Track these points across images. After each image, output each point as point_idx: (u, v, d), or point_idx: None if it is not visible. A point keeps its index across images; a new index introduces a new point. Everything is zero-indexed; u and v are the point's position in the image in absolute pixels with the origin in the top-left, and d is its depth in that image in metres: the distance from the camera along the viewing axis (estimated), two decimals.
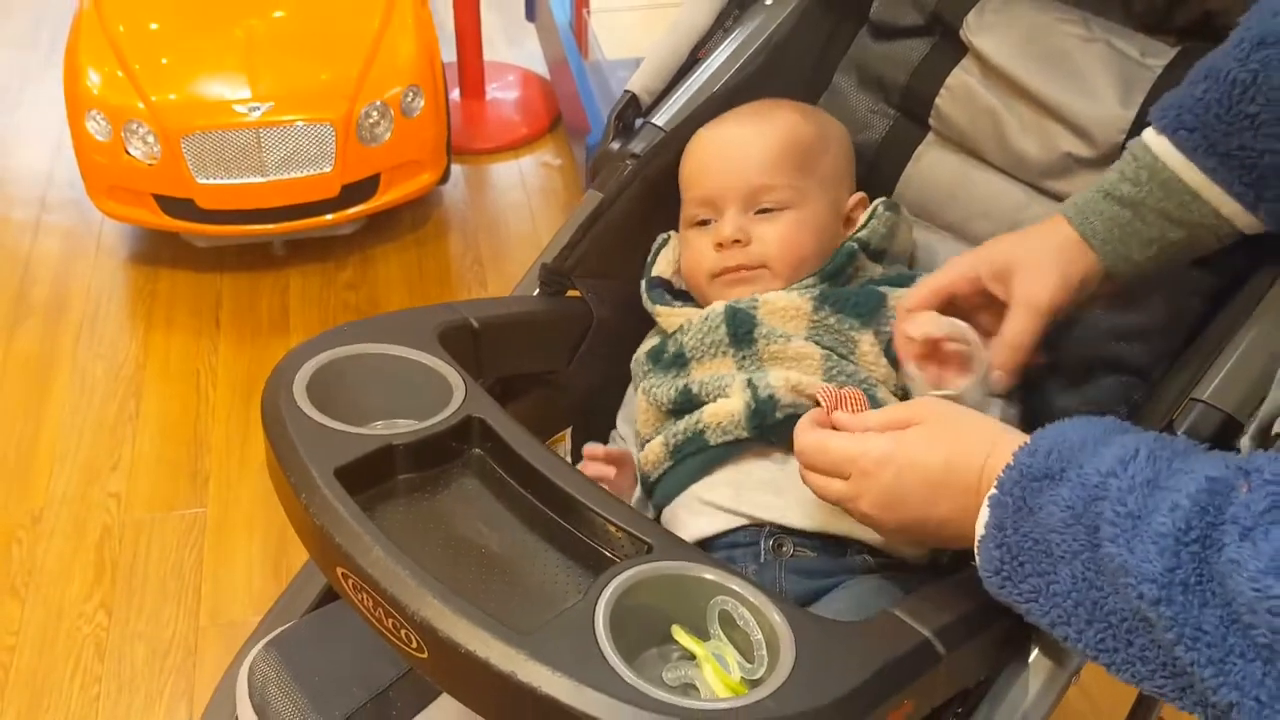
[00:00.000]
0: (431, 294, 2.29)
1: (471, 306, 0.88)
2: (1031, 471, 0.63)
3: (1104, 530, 0.58)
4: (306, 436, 0.70)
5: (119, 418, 2.00)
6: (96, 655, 1.63)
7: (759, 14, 1.03)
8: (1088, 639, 0.61)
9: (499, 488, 0.74)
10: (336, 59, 2.19)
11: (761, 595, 0.65)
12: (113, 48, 2.15)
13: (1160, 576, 0.55)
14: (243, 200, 2.14)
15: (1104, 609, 0.59)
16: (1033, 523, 0.62)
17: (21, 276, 2.31)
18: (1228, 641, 0.53)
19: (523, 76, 2.86)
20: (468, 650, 0.60)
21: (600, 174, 0.99)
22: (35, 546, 1.77)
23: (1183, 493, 0.56)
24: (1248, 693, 0.53)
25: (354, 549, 0.64)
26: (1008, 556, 0.64)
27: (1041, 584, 0.62)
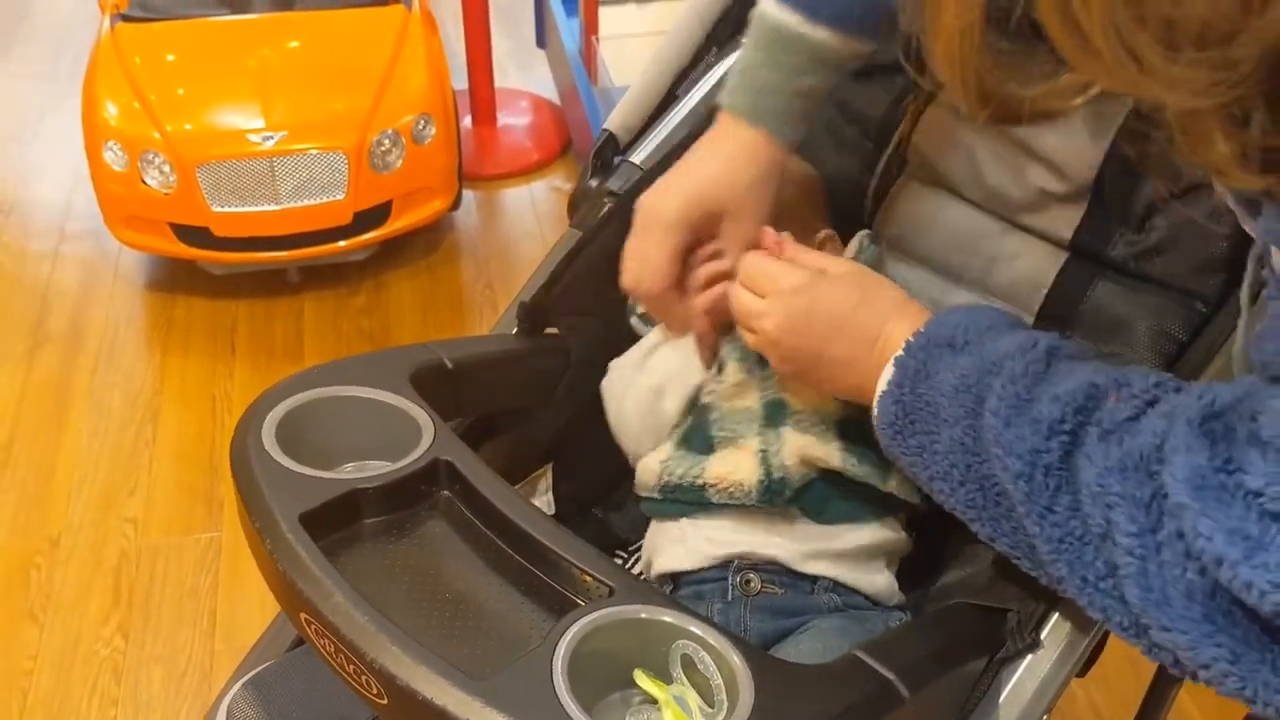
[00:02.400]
0: (444, 319, 2.31)
1: (446, 346, 0.88)
2: (938, 338, 0.68)
3: (989, 403, 0.63)
4: (272, 481, 0.72)
5: (136, 444, 2.04)
6: (113, 679, 1.65)
7: (737, 49, 1.03)
8: (959, 498, 0.66)
9: (466, 530, 0.75)
10: (349, 88, 2.23)
11: (722, 638, 0.66)
12: (129, 79, 2.20)
13: (1027, 455, 0.61)
14: (257, 228, 2.18)
15: (975, 473, 0.64)
16: (928, 385, 0.67)
17: (40, 305, 2.35)
18: (1069, 524, 0.59)
19: (534, 103, 2.89)
20: (425, 697, 0.60)
21: (579, 212, 1.00)
22: (53, 571, 1.81)
23: (1064, 388, 0.61)
24: (1076, 570, 0.60)
25: (315, 595, 0.65)
26: (901, 413, 0.68)
27: (926, 442, 0.67)
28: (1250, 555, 0.50)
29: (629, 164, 0.99)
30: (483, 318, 2.32)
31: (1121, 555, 0.56)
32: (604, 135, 1.01)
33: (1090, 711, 1.55)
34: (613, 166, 1.00)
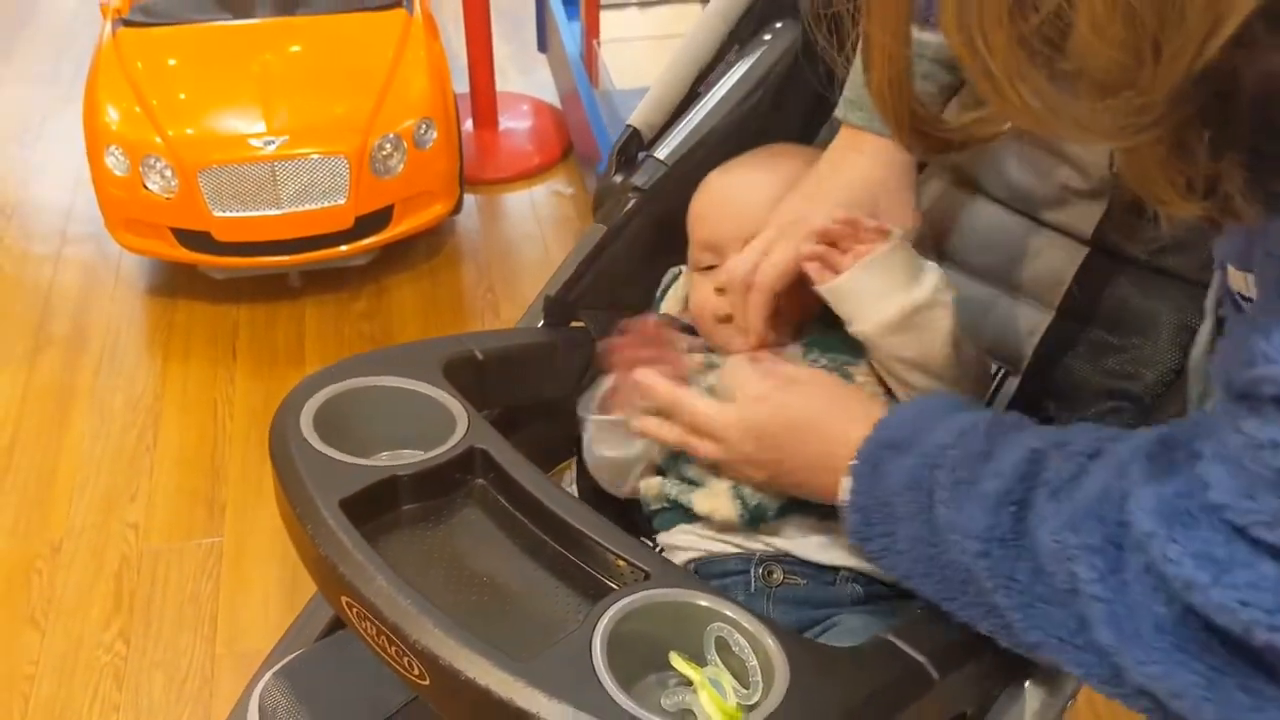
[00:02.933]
0: (445, 323, 2.31)
1: (476, 339, 0.89)
2: (884, 441, 0.71)
3: (938, 494, 0.65)
4: (312, 468, 0.72)
5: (137, 448, 2.03)
6: (115, 684, 1.64)
7: (759, 47, 1.04)
8: (930, 589, 0.68)
9: (501, 517, 0.76)
10: (350, 93, 2.23)
11: (757, 622, 0.66)
12: (131, 84, 2.20)
13: (982, 533, 0.63)
14: (258, 232, 2.17)
15: (937, 562, 0.67)
16: (882, 488, 0.70)
17: (42, 309, 2.34)
18: (1034, 589, 0.61)
19: (535, 106, 2.89)
20: (468, 677, 0.61)
21: (604, 207, 1.00)
22: (54, 577, 1.79)
23: (1006, 462, 0.64)
24: (1050, 632, 0.61)
25: (357, 579, 0.66)
26: (861, 518, 0.71)
27: (888, 542, 0.69)
28: (1219, 578, 0.51)
29: (653, 159, 1.00)
30: (484, 322, 2.32)
31: (1089, 603, 0.58)
32: (628, 131, 1.01)
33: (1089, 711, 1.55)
34: (636, 162, 1.01)
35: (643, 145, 1.02)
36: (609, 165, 1.01)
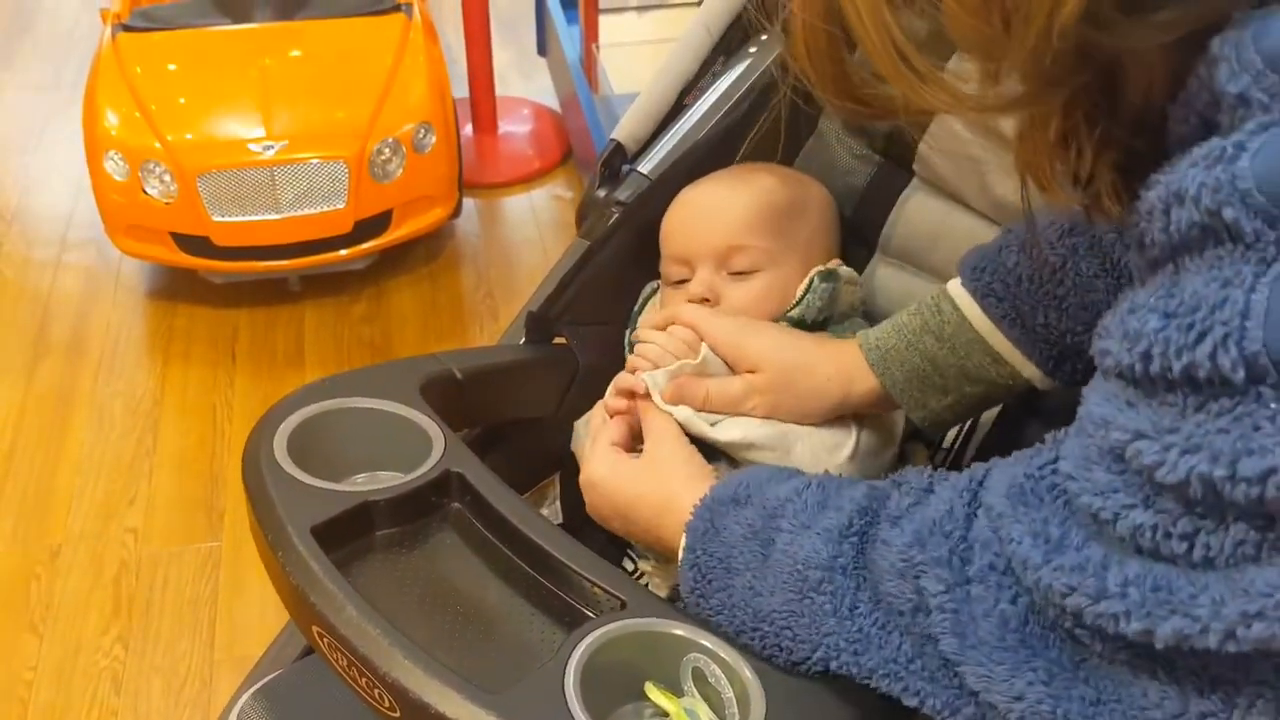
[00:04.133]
0: (444, 327, 2.31)
1: (455, 357, 0.89)
2: (721, 498, 0.71)
3: (780, 539, 0.67)
4: (284, 493, 0.72)
5: (136, 453, 2.03)
6: (113, 689, 1.65)
7: (744, 60, 1.03)
8: (755, 640, 0.68)
9: (477, 542, 0.75)
10: (349, 97, 2.23)
11: (734, 652, 0.66)
12: (130, 89, 2.20)
13: (825, 562, 0.64)
14: (258, 237, 2.17)
15: (763, 612, 0.67)
16: (718, 543, 0.69)
17: (42, 315, 2.35)
18: (873, 616, 0.62)
19: (535, 111, 2.89)
20: (438, 711, 0.60)
21: (587, 221, 1.00)
22: (53, 582, 1.80)
23: (846, 499, 0.66)
24: (885, 660, 0.62)
25: (327, 608, 0.65)
26: (698, 576, 0.70)
27: (724, 598, 0.69)
28: (1050, 557, 0.52)
29: (637, 174, 0.99)
30: (483, 326, 2.32)
31: (935, 616, 0.58)
32: (611, 145, 1.01)
33: None
34: (620, 176, 1.00)
35: (627, 159, 1.01)
36: (593, 179, 1.01)
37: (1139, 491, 0.49)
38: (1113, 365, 0.50)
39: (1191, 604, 0.47)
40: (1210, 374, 0.45)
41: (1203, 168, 0.45)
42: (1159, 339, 0.46)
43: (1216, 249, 0.45)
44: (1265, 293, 0.43)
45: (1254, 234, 0.43)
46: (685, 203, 0.96)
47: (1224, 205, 0.44)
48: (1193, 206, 0.45)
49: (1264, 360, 0.43)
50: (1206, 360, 0.44)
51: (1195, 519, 0.47)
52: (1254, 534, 0.45)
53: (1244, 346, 0.43)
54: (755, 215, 0.93)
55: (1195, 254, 0.46)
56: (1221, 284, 0.44)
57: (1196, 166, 0.45)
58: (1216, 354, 0.44)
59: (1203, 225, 0.45)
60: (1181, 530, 0.47)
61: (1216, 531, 0.46)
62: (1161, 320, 0.46)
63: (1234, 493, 0.44)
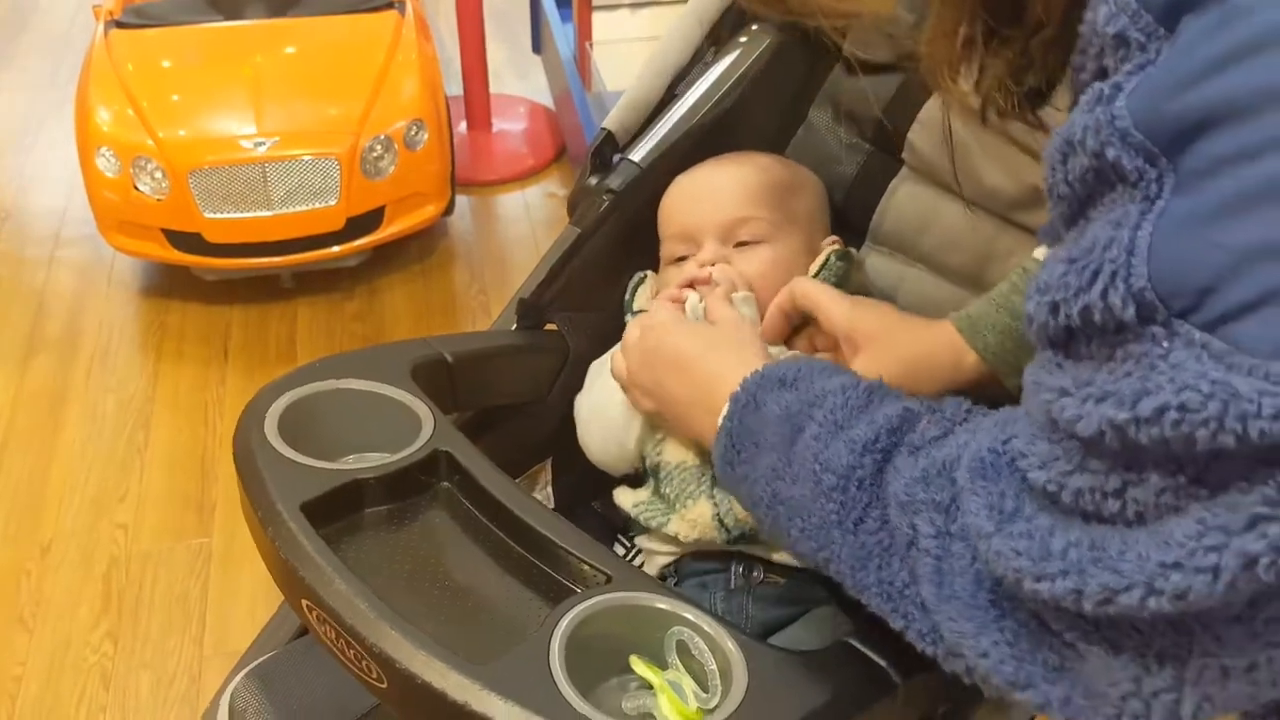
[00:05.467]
0: (437, 324, 2.31)
1: (446, 341, 0.89)
2: (770, 376, 0.71)
3: (809, 430, 0.66)
4: (275, 472, 0.72)
5: (128, 450, 2.03)
6: (102, 685, 1.65)
7: (735, 49, 1.04)
8: (768, 520, 0.69)
9: (465, 520, 0.76)
10: (341, 94, 2.24)
11: (717, 625, 0.66)
12: (122, 86, 2.20)
13: (843, 471, 0.64)
14: (250, 234, 2.18)
15: (781, 495, 0.67)
16: (755, 417, 0.70)
17: (35, 311, 2.35)
18: (878, 535, 0.62)
19: (530, 108, 2.90)
20: (424, 681, 0.61)
21: (578, 209, 1.00)
22: (44, 578, 1.80)
23: (881, 414, 0.66)
24: (883, 580, 0.62)
25: (316, 582, 0.66)
26: (730, 443, 0.71)
27: (747, 469, 0.69)
28: (1002, 526, 0.52)
29: (628, 162, 1.00)
30: (476, 323, 2.33)
31: (922, 558, 0.59)
32: (602, 134, 1.01)
33: None
34: (612, 165, 1.01)
35: (618, 148, 1.02)
36: (584, 168, 1.01)
37: (1074, 456, 0.49)
38: (1035, 328, 0.50)
39: (1119, 559, 0.47)
40: (1104, 316, 0.45)
41: (1084, 110, 0.46)
42: (1061, 284, 0.47)
43: (1111, 193, 0.46)
44: (1149, 229, 0.43)
45: (1136, 172, 0.44)
46: (686, 183, 0.98)
47: (1106, 145, 0.44)
48: (1081, 151, 0.46)
49: (1150, 296, 0.43)
50: (1099, 300, 0.45)
51: (1121, 473, 0.47)
52: (1170, 480, 0.45)
53: (1131, 283, 0.44)
54: (758, 189, 0.94)
55: (1098, 201, 0.47)
56: (1114, 225, 0.45)
57: (1083, 111, 0.46)
58: (1108, 292, 0.44)
59: (1095, 170, 0.46)
60: (1113, 487, 0.47)
61: (1140, 485, 0.46)
62: (1064, 266, 0.47)
63: (1140, 436, 0.44)
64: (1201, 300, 0.42)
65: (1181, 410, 0.42)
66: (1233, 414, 0.41)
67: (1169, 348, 0.43)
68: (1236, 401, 0.41)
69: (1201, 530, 0.44)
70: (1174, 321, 0.43)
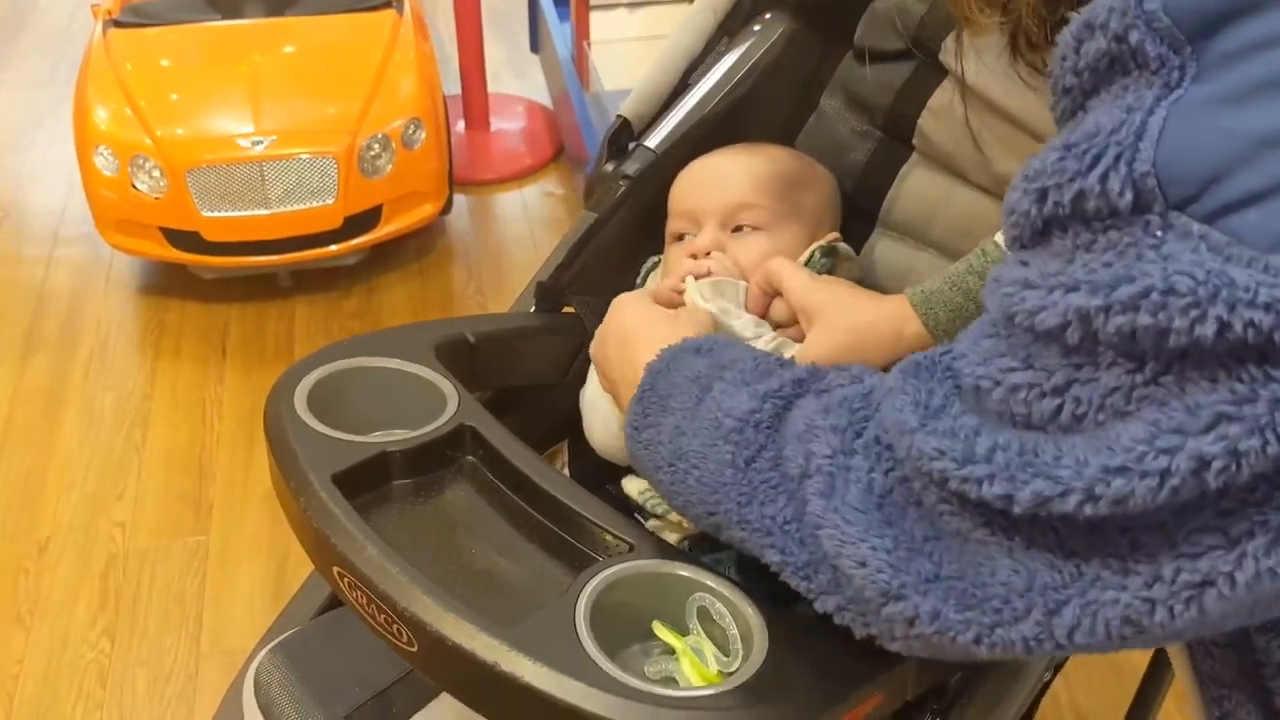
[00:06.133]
0: None
1: (468, 322, 0.91)
2: (687, 346, 0.73)
3: (717, 388, 0.67)
4: (305, 444, 0.73)
5: (126, 448, 2.03)
6: (99, 682, 1.64)
7: (748, 38, 1.06)
8: (668, 481, 0.69)
9: (490, 492, 0.77)
10: (338, 93, 2.24)
11: (737, 591, 0.68)
12: (120, 85, 2.21)
13: (742, 415, 0.65)
14: (247, 232, 2.18)
15: (682, 450, 0.67)
16: (666, 381, 0.71)
17: (34, 310, 2.35)
18: (768, 474, 0.63)
19: (528, 108, 2.91)
20: (454, 643, 0.62)
21: (594, 194, 1.02)
22: (41, 575, 1.79)
23: (790, 370, 0.67)
24: (765, 516, 0.62)
25: (349, 549, 0.66)
26: (640, 410, 0.71)
27: (653, 435, 0.70)
28: (926, 422, 0.52)
29: (643, 148, 1.01)
30: None
31: (815, 478, 0.59)
32: (618, 121, 1.02)
33: (1072, 712, 1.57)
34: (627, 151, 1.02)
35: (633, 135, 1.03)
36: (600, 154, 1.03)
37: (1021, 351, 0.49)
38: (1014, 221, 0.49)
39: (1055, 465, 0.46)
40: (1099, 202, 0.44)
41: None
42: (1055, 169, 0.46)
43: (1123, 79, 0.45)
44: (1163, 114, 0.43)
45: (1158, 59, 0.43)
46: (697, 166, 1.00)
47: (1130, 29, 0.44)
48: (1101, 34, 0.45)
49: (1151, 183, 0.43)
50: (1096, 184, 0.44)
51: (1070, 370, 0.47)
52: (1125, 379, 0.45)
53: (1134, 167, 0.43)
54: (764, 178, 0.96)
55: (1103, 90, 0.46)
56: (1124, 110, 0.44)
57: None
58: (1108, 176, 0.44)
59: (1111, 55, 0.45)
60: (1054, 385, 0.47)
61: (1089, 383, 0.46)
62: (1060, 152, 0.46)
63: (1108, 326, 0.44)
64: (1204, 189, 0.42)
65: (1166, 295, 0.42)
66: (1223, 300, 0.41)
67: (1162, 238, 0.43)
68: (1231, 289, 0.41)
69: (1154, 433, 0.44)
70: (1170, 213, 0.43)
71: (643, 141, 1.02)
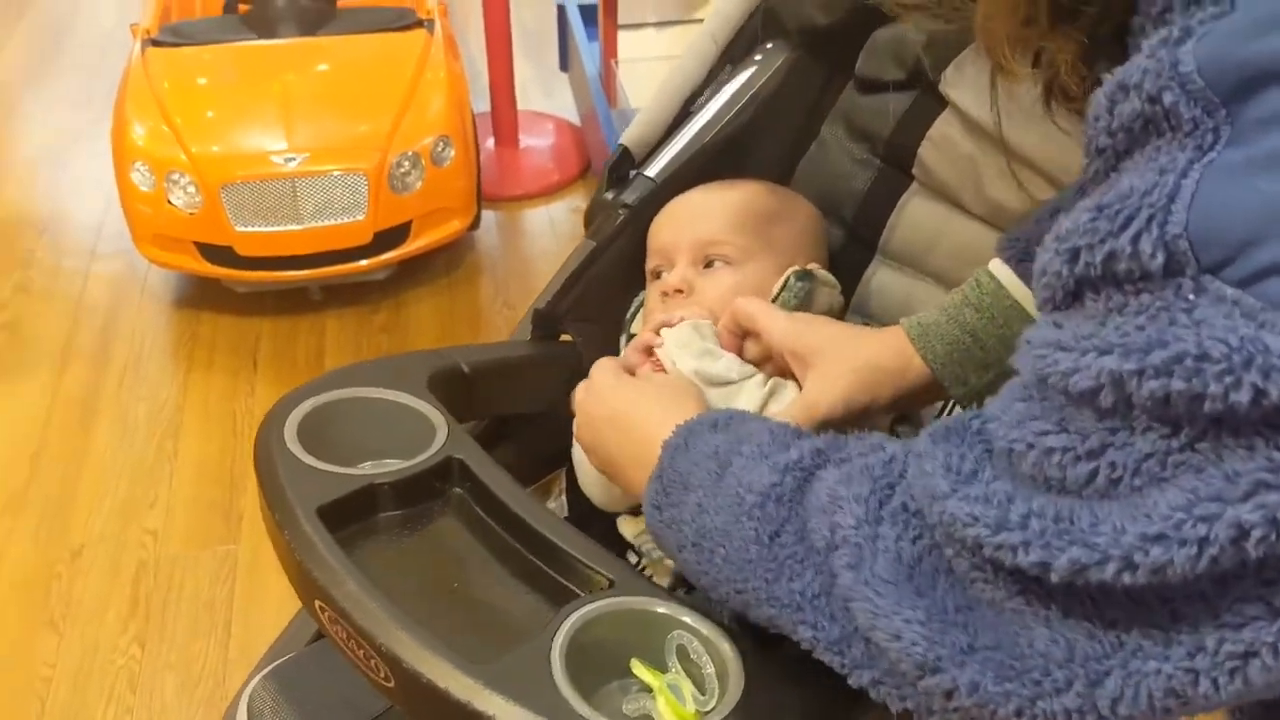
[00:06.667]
0: (462, 337, 2.34)
1: (462, 352, 0.91)
2: (702, 422, 0.72)
3: (737, 463, 0.66)
4: (292, 476, 0.74)
5: (158, 457, 2.06)
6: (129, 687, 1.67)
7: (749, 68, 1.06)
8: (694, 561, 0.68)
9: (476, 525, 0.77)
10: (370, 111, 2.27)
11: (715, 628, 0.68)
12: (157, 102, 2.25)
13: (764, 489, 0.64)
14: (279, 247, 2.21)
15: (706, 529, 0.66)
16: (685, 459, 0.70)
17: (71, 322, 2.39)
18: (793, 548, 0.61)
19: (557, 125, 2.93)
20: (429, 680, 0.63)
21: (594, 222, 1.03)
22: (74, 582, 1.83)
23: (809, 440, 0.66)
24: (792, 592, 0.61)
25: (329, 583, 0.68)
26: (659, 489, 0.70)
27: (675, 513, 0.69)
28: (958, 487, 0.51)
29: (643, 177, 1.02)
30: (501, 336, 2.34)
31: (842, 550, 0.57)
32: (619, 150, 1.03)
33: None
34: (628, 180, 1.03)
35: (634, 163, 1.04)
36: (601, 183, 1.04)
37: (1055, 415, 0.48)
38: (1045, 281, 0.48)
39: (1091, 532, 0.46)
40: (1131, 264, 0.44)
41: (1146, 55, 0.44)
42: (1087, 229, 0.45)
43: (1157, 140, 0.44)
44: (1196, 176, 0.42)
45: (1192, 121, 0.43)
46: (674, 204, 1.01)
47: (1164, 90, 0.43)
48: (1135, 95, 0.45)
49: (1183, 245, 0.42)
50: (1128, 245, 0.44)
51: (1105, 434, 0.46)
52: (1161, 444, 0.44)
53: (1166, 229, 0.42)
54: (735, 215, 0.97)
55: (1137, 151, 0.45)
56: (1158, 172, 0.43)
57: (1143, 55, 0.45)
58: (1139, 238, 0.43)
59: (1145, 117, 0.45)
60: (1089, 449, 0.46)
61: (1124, 447, 0.45)
62: (1093, 213, 0.45)
63: (1142, 390, 0.43)
64: (1238, 253, 0.41)
65: (1200, 360, 0.41)
66: (1257, 367, 0.40)
67: (1194, 302, 0.42)
68: (1265, 356, 0.40)
69: (1192, 501, 0.43)
70: (1203, 277, 0.42)
71: (643, 170, 1.03)
